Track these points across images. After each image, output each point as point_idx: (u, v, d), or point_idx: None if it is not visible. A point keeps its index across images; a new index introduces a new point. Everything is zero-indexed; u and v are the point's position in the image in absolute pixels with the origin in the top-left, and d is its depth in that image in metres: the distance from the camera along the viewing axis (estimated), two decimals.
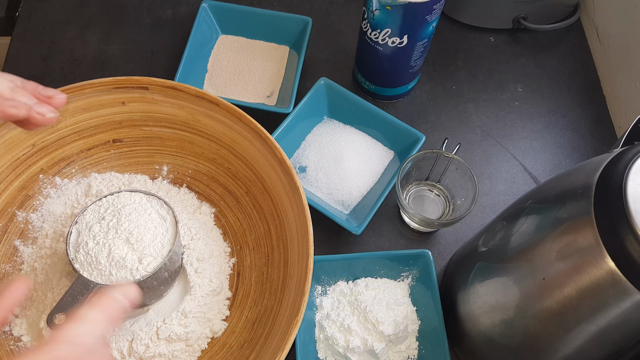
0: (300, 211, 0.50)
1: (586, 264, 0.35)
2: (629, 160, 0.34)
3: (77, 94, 0.56)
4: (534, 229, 0.41)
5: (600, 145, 0.69)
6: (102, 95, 0.56)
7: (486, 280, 0.48)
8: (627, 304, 0.34)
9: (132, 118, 0.58)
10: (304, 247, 0.49)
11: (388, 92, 0.69)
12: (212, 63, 0.71)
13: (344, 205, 0.62)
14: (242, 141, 0.56)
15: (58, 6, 0.76)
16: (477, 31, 0.77)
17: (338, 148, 0.63)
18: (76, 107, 0.56)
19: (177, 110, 0.58)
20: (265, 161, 0.55)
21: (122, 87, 0.56)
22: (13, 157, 0.55)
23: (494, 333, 0.48)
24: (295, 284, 0.49)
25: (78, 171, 0.59)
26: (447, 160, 0.60)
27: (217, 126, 0.57)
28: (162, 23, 0.76)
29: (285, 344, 0.44)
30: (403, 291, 0.57)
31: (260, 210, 0.56)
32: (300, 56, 0.68)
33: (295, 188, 0.51)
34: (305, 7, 0.77)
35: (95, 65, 0.72)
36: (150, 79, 0.56)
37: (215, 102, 0.55)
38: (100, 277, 0.46)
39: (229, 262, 0.56)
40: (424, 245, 0.63)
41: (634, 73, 0.67)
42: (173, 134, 0.59)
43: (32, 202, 0.57)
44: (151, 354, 0.49)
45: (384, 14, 0.57)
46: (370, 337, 0.53)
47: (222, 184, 0.59)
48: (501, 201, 0.65)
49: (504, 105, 0.72)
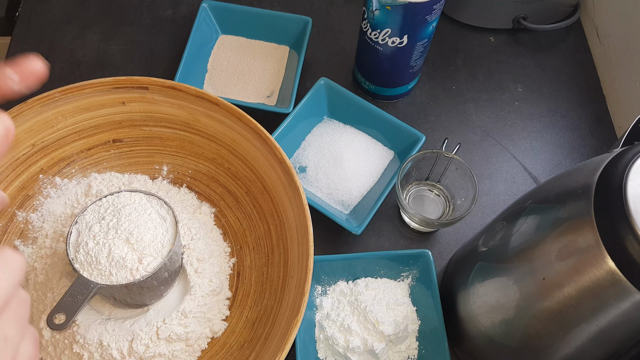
0: (300, 211, 0.50)
1: (586, 264, 0.35)
2: (629, 160, 0.34)
3: (77, 94, 0.55)
4: (534, 229, 0.41)
5: (600, 145, 0.69)
6: (102, 95, 0.56)
7: (486, 280, 0.48)
8: (627, 304, 0.34)
9: (132, 118, 0.58)
10: (304, 247, 0.49)
11: (388, 92, 0.69)
12: (212, 63, 0.71)
13: (344, 205, 0.62)
14: (242, 141, 0.56)
15: (58, 6, 0.76)
16: (477, 31, 0.77)
17: (338, 148, 0.63)
18: (76, 107, 0.56)
19: (177, 110, 0.58)
20: (265, 161, 0.55)
21: (122, 87, 0.56)
22: (13, 157, 0.55)
23: (494, 333, 0.48)
24: (295, 284, 0.49)
25: (78, 171, 0.59)
26: (447, 160, 0.60)
27: (217, 126, 0.57)
28: (162, 23, 0.76)
29: (285, 344, 0.44)
30: (403, 291, 0.57)
31: (260, 210, 0.56)
32: (300, 56, 0.68)
33: (295, 188, 0.51)
34: (305, 7, 0.77)
35: (95, 65, 0.72)
36: (150, 79, 0.56)
37: (215, 102, 0.55)
38: (100, 277, 0.46)
39: (229, 262, 0.56)
40: (424, 245, 0.63)
41: (634, 73, 0.67)
42: (173, 134, 0.59)
43: (32, 202, 0.57)
44: (151, 354, 0.49)
45: (384, 14, 0.57)
46: (370, 337, 0.53)
47: (222, 184, 0.59)
48: (501, 201, 0.65)
49: (504, 105, 0.72)
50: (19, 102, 0.54)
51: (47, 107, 0.55)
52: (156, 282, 0.48)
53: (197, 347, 0.52)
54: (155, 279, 0.47)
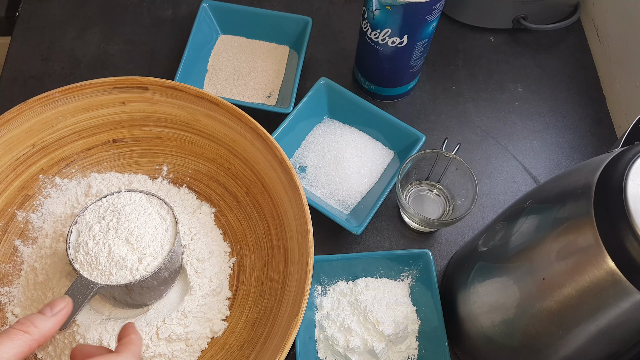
0: (300, 211, 0.50)
1: (586, 264, 0.35)
2: (629, 160, 0.34)
3: (77, 94, 0.55)
4: (534, 229, 0.41)
5: (600, 145, 0.69)
6: (102, 95, 0.56)
7: (486, 280, 0.48)
8: (627, 304, 0.34)
9: (132, 118, 0.58)
10: (304, 247, 0.49)
11: (388, 92, 0.69)
12: (212, 63, 0.71)
13: (344, 205, 0.62)
14: (242, 141, 0.56)
15: (58, 6, 0.76)
16: (477, 31, 0.77)
17: (338, 148, 0.63)
18: (76, 107, 0.56)
19: (177, 110, 0.58)
20: (265, 161, 0.55)
21: (122, 87, 0.56)
22: (13, 157, 0.55)
23: (494, 333, 0.48)
24: (295, 284, 0.49)
25: (78, 171, 0.59)
26: (447, 160, 0.60)
27: (217, 126, 0.57)
28: (162, 23, 0.76)
29: (285, 344, 0.44)
30: (403, 291, 0.57)
31: (260, 210, 0.56)
32: (300, 56, 0.68)
33: (295, 188, 0.51)
34: (305, 7, 0.77)
35: (95, 65, 0.72)
36: (150, 79, 0.56)
37: (215, 102, 0.55)
38: (100, 277, 0.46)
39: (228, 262, 0.56)
40: (424, 245, 0.63)
41: (634, 73, 0.67)
42: (173, 134, 0.59)
43: (32, 202, 0.57)
44: (151, 354, 0.49)
45: (384, 14, 0.57)
46: (370, 337, 0.53)
47: (222, 184, 0.59)
48: (501, 201, 0.65)
49: (504, 105, 0.72)
50: (19, 102, 0.54)
51: (47, 107, 0.55)
52: (156, 282, 0.48)
53: (197, 347, 0.52)
54: (155, 279, 0.47)
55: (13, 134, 0.54)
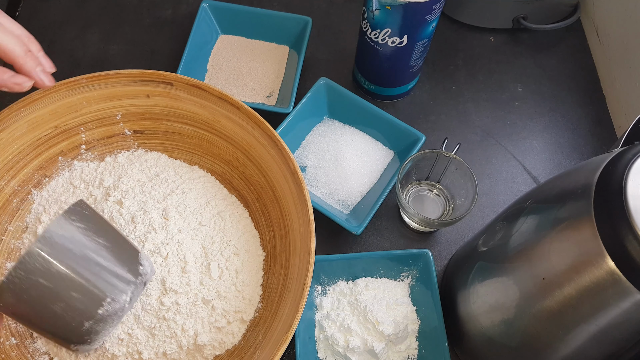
0: (305, 225, 0.50)
1: (586, 264, 0.35)
2: (629, 160, 0.34)
3: (104, 82, 0.56)
4: (534, 229, 0.41)
5: (600, 145, 0.69)
6: (127, 86, 0.57)
7: (486, 280, 0.48)
8: (627, 304, 0.34)
9: (154, 112, 0.59)
10: (305, 262, 0.48)
11: (388, 92, 0.69)
12: (212, 63, 0.71)
13: (344, 205, 0.62)
14: (259, 147, 0.56)
15: (58, 6, 0.76)
16: (477, 31, 0.77)
17: (338, 148, 0.63)
18: (101, 95, 0.57)
19: (199, 109, 0.58)
20: (279, 170, 0.55)
21: (148, 80, 0.57)
22: (35, 137, 0.55)
23: (494, 333, 0.48)
24: (295, 284, 0.49)
25: (96, 157, 0.59)
26: (447, 160, 0.60)
27: (236, 129, 0.57)
28: (162, 23, 0.76)
29: (283, 344, 0.44)
30: (403, 291, 0.57)
31: (268, 218, 0.56)
32: (300, 56, 0.68)
33: (304, 202, 0.50)
34: (305, 7, 0.77)
35: (95, 65, 0.72)
36: (177, 75, 0.56)
37: (236, 106, 0.56)
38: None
39: None
40: (424, 245, 0.63)
41: (634, 73, 0.67)
42: (193, 131, 0.59)
43: (50, 183, 0.57)
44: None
45: (384, 13, 0.57)
46: (370, 337, 0.53)
47: (235, 186, 0.59)
48: (501, 201, 0.65)
49: (504, 105, 0.72)
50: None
51: (73, 92, 0.56)
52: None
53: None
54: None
55: (37, 115, 0.55)
